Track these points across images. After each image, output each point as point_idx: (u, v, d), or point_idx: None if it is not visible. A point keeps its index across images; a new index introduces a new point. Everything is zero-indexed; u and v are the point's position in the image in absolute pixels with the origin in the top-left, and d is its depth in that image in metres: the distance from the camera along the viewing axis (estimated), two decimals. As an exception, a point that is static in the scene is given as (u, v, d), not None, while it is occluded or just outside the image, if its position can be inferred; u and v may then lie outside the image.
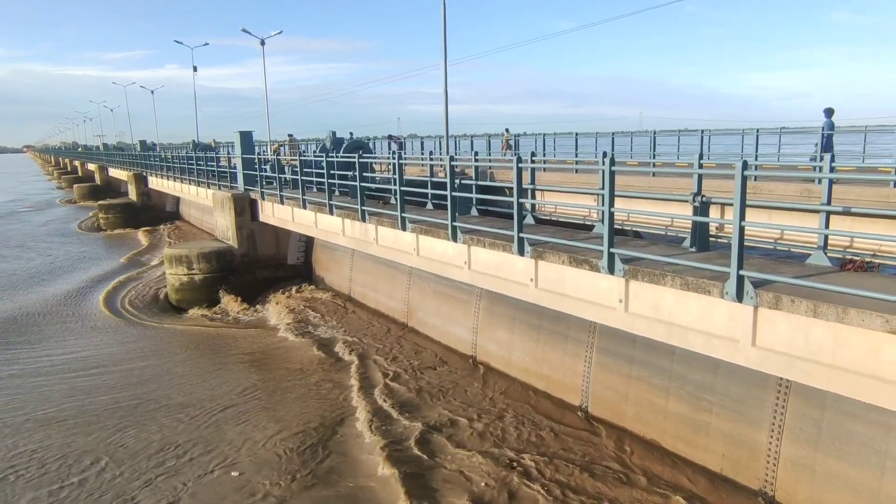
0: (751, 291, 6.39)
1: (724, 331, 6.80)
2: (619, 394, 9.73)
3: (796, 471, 7.44)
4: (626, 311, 7.88)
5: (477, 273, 10.63)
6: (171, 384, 12.71)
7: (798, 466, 7.42)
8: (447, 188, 10.72)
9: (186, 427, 10.62)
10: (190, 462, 9.41)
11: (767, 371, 6.70)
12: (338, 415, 10.88)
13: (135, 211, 38.68)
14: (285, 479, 8.81)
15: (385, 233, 13.18)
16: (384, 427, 10.19)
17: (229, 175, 23.19)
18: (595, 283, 8.25)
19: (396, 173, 12.28)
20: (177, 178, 31.28)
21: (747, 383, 7.89)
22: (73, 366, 13.90)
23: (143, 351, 14.98)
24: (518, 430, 9.90)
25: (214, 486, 8.71)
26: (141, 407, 11.53)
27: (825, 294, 5.95)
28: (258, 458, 9.42)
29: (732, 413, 8.14)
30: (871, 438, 6.77)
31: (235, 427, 10.53)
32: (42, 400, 11.95)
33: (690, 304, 7.10)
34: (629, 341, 9.36)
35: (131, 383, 12.77)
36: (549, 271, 9.02)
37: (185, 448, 9.83)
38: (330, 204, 15.10)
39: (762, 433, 7.76)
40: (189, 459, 9.48)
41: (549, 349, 11.07)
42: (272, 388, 12.26)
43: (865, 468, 6.83)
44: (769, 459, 7.69)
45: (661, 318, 7.47)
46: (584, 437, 9.56)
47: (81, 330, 16.87)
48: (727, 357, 6.93)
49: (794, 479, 7.46)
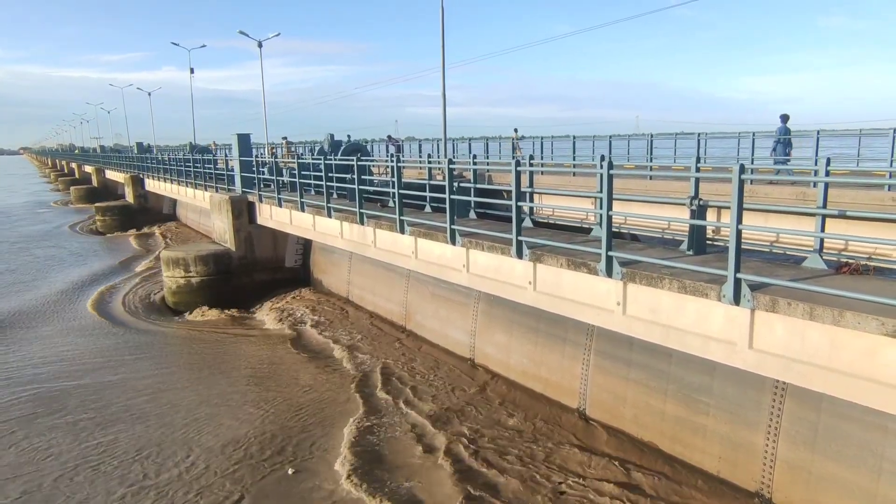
0: (748, 294, 6.44)
1: (722, 333, 6.85)
2: (617, 396, 9.77)
3: (793, 473, 7.49)
4: (624, 314, 7.93)
5: (475, 276, 10.66)
6: (160, 387, 12.71)
7: (794, 468, 7.47)
8: (446, 191, 10.75)
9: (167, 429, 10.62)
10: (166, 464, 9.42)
11: (764, 373, 6.75)
12: (330, 417, 10.89)
13: (132, 213, 38.65)
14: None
15: (383, 235, 13.20)
16: (378, 429, 10.23)
17: (227, 177, 23.16)
18: (593, 286, 8.29)
19: (395, 176, 12.32)
20: (174, 181, 31.25)
21: (744, 386, 7.94)
22: (44, 370, 13.84)
23: (132, 354, 14.98)
24: (514, 431, 9.94)
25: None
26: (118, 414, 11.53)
27: (821, 297, 6.00)
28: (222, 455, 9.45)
29: (729, 415, 8.18)
30: (868, 441, 6.82)
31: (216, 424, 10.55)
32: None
33: (688, 307, 7.15)
34: (627, 344, 9.41)
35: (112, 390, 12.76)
36: (547, 274, 9.06)
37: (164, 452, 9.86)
38: (328, 207, 15.12)
39: (759, 435, 7.81)
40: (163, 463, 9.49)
41: (548, 352, 11.11)
42: (265, 389, 12.27)
43: (862, 470, 6.87)
44: (766, 461, 7.73)
45: (659, 320, 7.51)
46: (582, 439, 9.60)
47: (64, 332, 16.83)
48: (724, 359, 6.97)
49: (791, 480, 7.50)
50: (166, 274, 19.31)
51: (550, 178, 18.62)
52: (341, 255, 18.22)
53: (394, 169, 12.41)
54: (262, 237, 20.23)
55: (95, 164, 62.53)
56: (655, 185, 15.01)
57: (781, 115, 16.08)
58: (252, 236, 20.16)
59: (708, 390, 8.46)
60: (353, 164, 13.62)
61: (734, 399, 8.12)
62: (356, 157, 13.90)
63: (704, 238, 8.39)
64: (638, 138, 26.27)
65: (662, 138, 24.41)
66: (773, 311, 6.25)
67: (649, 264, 7.69)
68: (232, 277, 19.52)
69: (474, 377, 12.29)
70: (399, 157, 13.98)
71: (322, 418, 10.91)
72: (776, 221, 11.04)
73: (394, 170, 12.40)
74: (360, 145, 22.13)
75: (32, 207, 53.14)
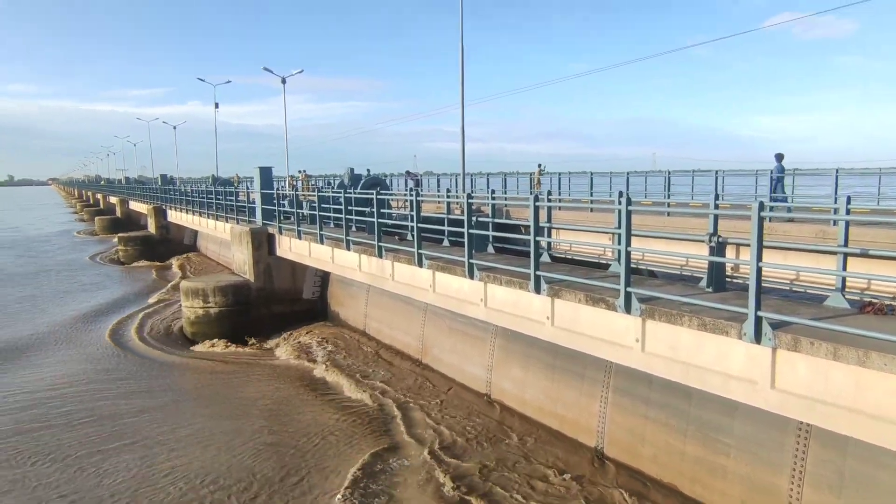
0: (769, 333, 6.37)
1: (742, 372, 6.76)
2: (636, 435, 9.62)
3: (818, 518, 7.28)
4: (643, 351, 7.86)
5: (493, 310, 10.66)
6: (172, 419, 12.74)
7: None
8: (464, 225, 10.84)
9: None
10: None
11: (787, 414, 6.63)
12: (337, 455, 10.80)
13: (153, 244, 39.23)
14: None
15: (401, 269, 13.28)
16: (388, 468, 10.13)
17: (248, 209, 23.51)
18: (611, 322, 8.26)
19: (413, 210, 12.45)
20: (195, 212, 31.79)
21: (766, 426, 7.79)
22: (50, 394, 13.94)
23: (139, 383, 15.06)
24: (530, 470, 9.79)
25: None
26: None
27: (845, 336, 5.92)
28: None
29: (751, 457, 8.01)
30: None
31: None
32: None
33: (708, 345, 7.08)
34: (646, 381, 9.30)
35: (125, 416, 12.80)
36: (565, 310, 9.04)
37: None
38: (347, 239, 15.27)
39: (782, 478, 7.62)
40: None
41: (564, 388, 11.00)
42: (274, 424, 12.24)
43: (890, 517, 6.67)
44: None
45: (678, 358, 7.44)
46: (600, 480, 9.43)
47: (77, 359, 17.03)
48: (745, 399, 6.86)
49: (817, 526, 7.29)
50: (185, 304, 19.49)
51: (568, 214, 18.67)
52: (359, 287, 18.30)
53: (412, 203, 12.55)
54: (280, 269, 20.41)
55: (120, 195, 63.85)
56: (673, 221, 14.99)
57: (776, 154, 16.49)
58: (271, 268, 20.35)
59: (729, 430, 8.31)
60: (373, 198, 13.80)
61: (756, 440, 7.96)
62: (375, 191, 14.08)
63: (724, 275, 8.35)
64: (655, 175, 26.32)
65: (680, 175, 24.45)
66: (796, 350, 6.18)
67: (668, 301, 7.65)
68: (250, 309, 19.65)
69: (490, 413, 12.17)
70: (418, 191, 14.14)
71: (328, 456, 10.71)
72: (796, 259, 10.95)
73: (412, 203, 12.54)
74: (379, 179, 22.39)
75: (57, 237, 54.21)
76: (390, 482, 9.68)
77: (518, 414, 11.89)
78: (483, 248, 12.63)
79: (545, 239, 10.56)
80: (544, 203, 10.08)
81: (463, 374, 13.74)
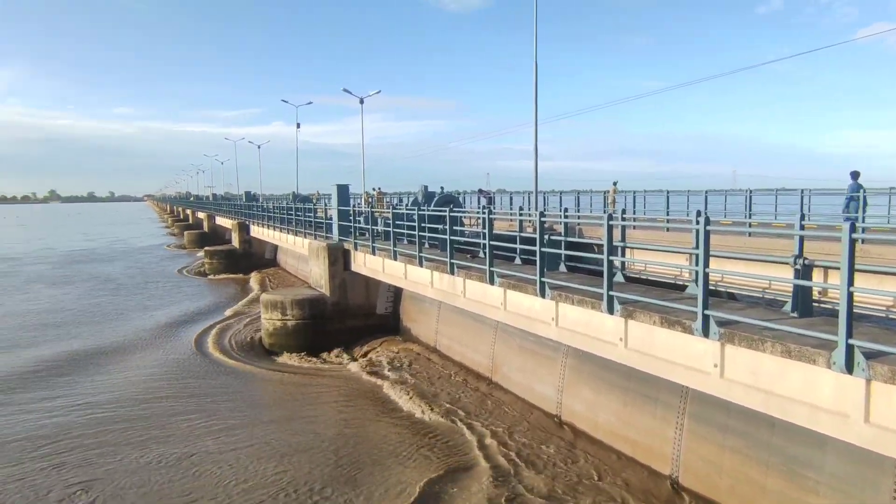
0: (862, 363, 5.99)
1: (832, 404, 6.36)
2: (713, 465, 9.21)
3: (918, 565, 6.72)
4: (722, 377, 7.55)
5: (564, 330, 10.52)
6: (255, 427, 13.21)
7: (920, 561, 6.71)
8: (536, 243, 10.80)
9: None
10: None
11: (883, 452, 6.18)
12: (402, 472, 10.88)
13: (237, 258, 41.10)
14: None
15: (473, 286, 13.34)
16: (458, 487, 10.10)
17: (325, 226, 24.25)
18: (688, 346, 7.99)
19: (485, 227, 12.52)
20: (276, 228, 33.11)
21: (859, 463, 7.28)
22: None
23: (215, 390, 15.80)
24: (602, 498, 9.54)
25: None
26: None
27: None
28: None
29: (842, 496, 7.51)
30: None
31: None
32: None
33: (792, 373, 6.72)
34: (724, 408, 8.91)
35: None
36: (638, 331, 8.82)
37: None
38: (420, 256, 15.49)
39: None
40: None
41: (637, 412, 10.69)
42: (351, 438, 12.47)
43: None
44: (886, 550, 7.00)
45: (760, 385, 7.10)
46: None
47: (161, 363, 18.18)
48: (835, 433, 6.45)
49: (916, 574, 6.73)
50: (265, 316, 20.28)
51: (643, 233, 18.23)
52: (431, 303, 18.49)
53: (485, 220, 12.62)
54: (355, 284, 20.91)
55: (207, 210, 67.40)
56: (754, 242, 14.36)
57: (852, 171, 15.66)
58: (346, 283, 20.88)
59: (817, 465, 7.83)
60: (445, 215, 13.97)
61: (847, 478, 7.46)
62: (448, 209, 14.25)
63: (810, 299, 7.92)
64: (735, 193, 25.29)
65: (761, 194, 23.38)
66: (894, 382, 5.77)
67: (749, 325, 7.33)
68: (325, 322, 20.21)
69: (561, 435, 11.96)
70: (490, 208, 14.20)
71: (393, 472, 10.78)
72: (893, 285, 10.24)
73: (485, 221, 12.61)
74: (452, 197, 22.61)
75: (154, 249, 57.77)
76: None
77: (589, 437, 11.64)
78: (555, 266, 12.52)
79: (619, 258, 10.34)
80: (618, 222, 9.89)
81: (532, 394, 13.60)
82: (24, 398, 14.99)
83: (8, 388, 15.81)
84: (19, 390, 15.62)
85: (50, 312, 26.35)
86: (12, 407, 14.36)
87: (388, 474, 10.67)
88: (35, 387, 15.90)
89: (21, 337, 21.75)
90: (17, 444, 12.19)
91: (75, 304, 28.37)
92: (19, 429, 12.99)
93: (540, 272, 10.72)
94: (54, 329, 22.98)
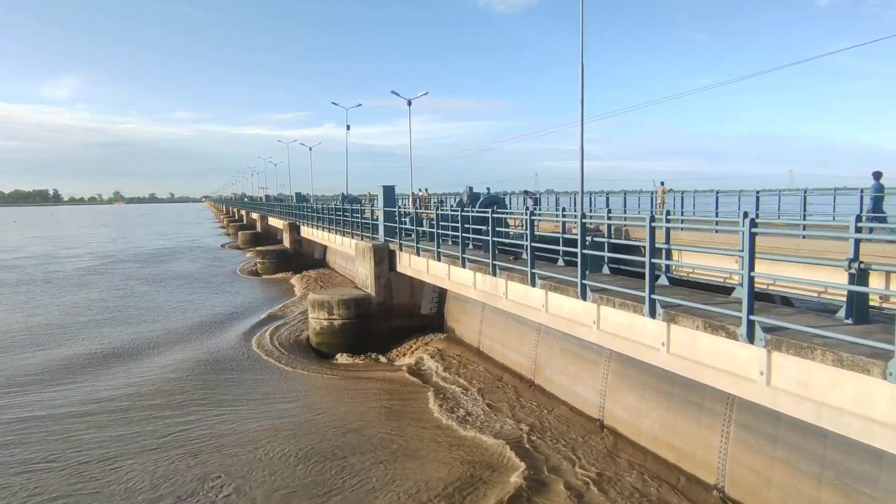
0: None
1: (889, 418, 6.01)
2: (761, 476, 8.85)
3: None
4: (768, 385, 7.24)
5: (606, 333, 10.32)
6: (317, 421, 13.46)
7: None
8: (578, 245, 10.62)
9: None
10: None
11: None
12: (455, 472, 10.87)
13: (287, 257, 42.00)
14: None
15: (514, 288, 13.24)
16: (500, 487, 10.03)
17: (371, 226, 24.49)
18: (732, 352, 7.70)
19: (528, 228, 12.40)
20: (325, 228, 33.68)
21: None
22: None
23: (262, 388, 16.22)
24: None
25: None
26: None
27: None
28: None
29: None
30: None
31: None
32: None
33: (845, 384, 6.39)
34: (773, 418, 8.55)
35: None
36: (681, 336, 8.56)
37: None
38: (462, 257, 15.47)
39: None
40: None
41: (682, 419, 10.38)
42: (402, 439, 12.55)
43: None
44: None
45: (809, 395, 6.78)
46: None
47: (209, 359, 19.04)
48: (891, 448, 6.10)
49: None
50: (312, 315, 20.65)
51: (690, 235, 17.66)
52: (474, 305, 18.45)
53: (527, 222, 12.51)
54: (400, 284, 21.05)
55: (260, 211, 69.17)
56: (809, 244, 13.73)
57: (874, 172, 15.39)
58: (391, 283, 21.05)
59: (873, 482, 7.42)
60: (489, 217, 13.90)
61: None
62: (491, 210, 14.18)
63: (867, 306, 7.51)
64: (790, 193, 24.24)
65: (818, 194, 22.33)
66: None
67: (798, 332, 7.01)
68: (371, 322, 20.42)
69: (603, 440, 11.73)
70: (534, 210, 14.06)
71: (434, 474, 10.78)
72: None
73: (527, 223, 12.49)
74: (497, 198, 22.48)
75: (204, 250, 59.71)
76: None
77: (632, 443, 11.37)
78: (598, 268, 12.30)
79: (662, 261, 10.06)
80: (662, 223, 9.62)
81: (575, 397, 13.39)
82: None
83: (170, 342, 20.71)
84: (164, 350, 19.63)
85: (149, 310, 27.92)
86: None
87: (426, 470, 10.71)
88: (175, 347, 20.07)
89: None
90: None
91: (164, 301, 30.34)
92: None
93: (581, 274, 10.55)
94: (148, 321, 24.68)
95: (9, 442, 12.54)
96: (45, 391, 15.96)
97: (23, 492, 10.30)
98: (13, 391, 15.96)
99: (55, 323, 24.86)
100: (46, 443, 12.45)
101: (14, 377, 17.23)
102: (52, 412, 14.31)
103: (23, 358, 19.40)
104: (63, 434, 12.90)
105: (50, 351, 20.30)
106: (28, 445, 12.33)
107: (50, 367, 18.30)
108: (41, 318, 25.80)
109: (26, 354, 19.85)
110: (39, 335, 22.59)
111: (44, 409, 14.50)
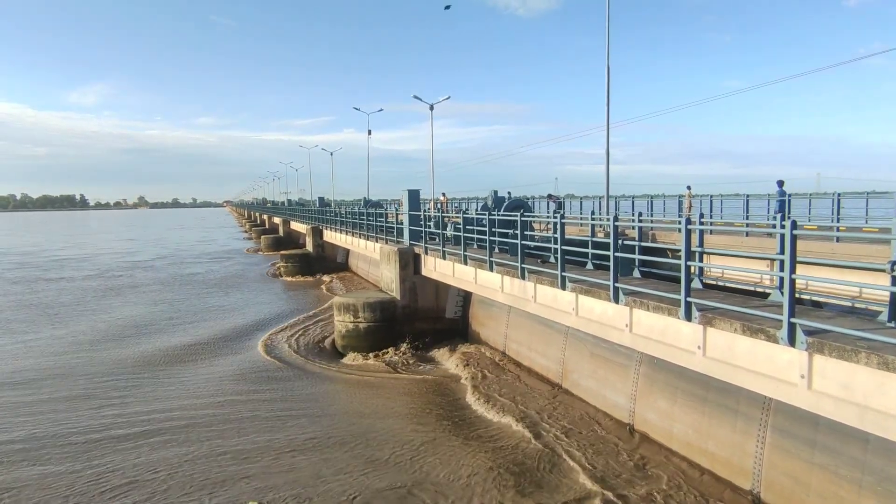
0: (968, 376, 5.58)
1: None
2: (799, 482, 8.76)
3: None
4: (810, 389, 7.19)
5: (639, 337, 10.30)
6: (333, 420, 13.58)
7: None
8: (610, 248, 10.63)
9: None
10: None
11: None
12: (483, 479, 10.89)
13: (310, 261, 42.34)
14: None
15: (543, 291, 13.25)
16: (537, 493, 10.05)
17: (395, 230, 24.64)
18: (772, 356, 7.66)
19: (557, 232, 12.42)
20: (348, 232, 33.92)
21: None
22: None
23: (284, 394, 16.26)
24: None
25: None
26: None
27: None
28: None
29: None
30: None
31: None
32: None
33: (890, 387, 6.33)
34: (811, 423, 8.48)
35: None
36: (718, 339, 8.53)
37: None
38: (490, 260, 15.51)
39: None
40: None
41: (716, 424, 10.31)
42: (406, 441, 12.61)
43: None
44: None
45: (853, 399, 6.72)
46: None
47: (234, 364, 18.98)
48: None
49: None
50: (337, 318, 20.79)
51: (720, 238, 17.59)
52: (500, 308, 18.47)
53: (556, 225, 12.53)
54: (425, 288, 21.14)
55: (282, 216, 69.84)
56: (842, 247, 13.60)
57: (777, 180, 18.98)
58: (416, 286, 21.14)
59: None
60: (517, 220, 13.94)
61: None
62: (520, 213, 14.22)
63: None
64: (819, 197, 23.96)
65: (850, 197, 22.04)
66: None
67: (840, 334, 6.96)
68: (395, 325, 20.51)
69: (634, 445, 11.68)
70: (562, 213, 14.07)
71: (456, 482, 10.79)
72: None
73: (556, 226, 12.51)
74: (522, 202, 22.51)
75: (228, 254, 60.36)
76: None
77: (664, 447, 11.31)
78: (628, 272, 12.27)
79: (696, 264, 10.02)
80: (696, 226, 9.59)
81: (604, 402, 13.35)
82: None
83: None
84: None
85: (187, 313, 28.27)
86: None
87: (452, 482, 10.73)
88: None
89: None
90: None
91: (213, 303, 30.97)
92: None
93: (614, 277, 10.54)
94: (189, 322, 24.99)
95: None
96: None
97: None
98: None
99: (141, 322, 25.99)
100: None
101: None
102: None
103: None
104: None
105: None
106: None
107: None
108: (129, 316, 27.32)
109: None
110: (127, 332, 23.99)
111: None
